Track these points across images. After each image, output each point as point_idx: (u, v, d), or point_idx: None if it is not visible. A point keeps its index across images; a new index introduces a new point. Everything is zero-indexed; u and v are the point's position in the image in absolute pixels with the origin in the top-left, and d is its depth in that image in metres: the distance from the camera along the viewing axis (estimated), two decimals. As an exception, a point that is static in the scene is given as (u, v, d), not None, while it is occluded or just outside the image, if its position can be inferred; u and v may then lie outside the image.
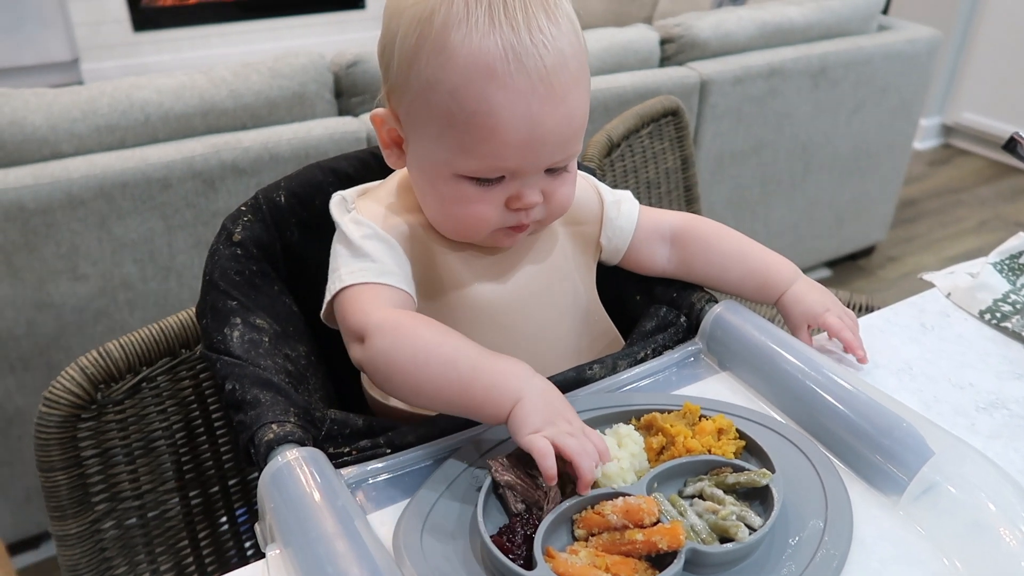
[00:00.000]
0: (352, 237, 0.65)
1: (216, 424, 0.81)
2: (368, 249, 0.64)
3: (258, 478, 0.55)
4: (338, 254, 0.66)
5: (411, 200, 0.68)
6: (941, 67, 3.28)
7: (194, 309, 0.77)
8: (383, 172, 0.75)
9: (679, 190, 1.42)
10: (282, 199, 0.70)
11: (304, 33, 4.21)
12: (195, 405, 0.79)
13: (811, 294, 0.71)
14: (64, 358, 1.51)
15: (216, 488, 0.82)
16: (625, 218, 0.74)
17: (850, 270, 2.58)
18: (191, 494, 0.81)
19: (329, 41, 4.19)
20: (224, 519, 0.83)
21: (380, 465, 0.58)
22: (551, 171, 0.63)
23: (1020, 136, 0.81)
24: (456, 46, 0.56)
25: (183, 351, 0.77)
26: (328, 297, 0.64)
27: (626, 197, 0.76)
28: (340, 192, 0.69)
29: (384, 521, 0.54)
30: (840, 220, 2.47)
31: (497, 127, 0.57)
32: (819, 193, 2.37)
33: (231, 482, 0.83)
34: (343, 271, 0.64)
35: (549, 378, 0.63)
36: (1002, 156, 3.32)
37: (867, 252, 2.65)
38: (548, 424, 0.53)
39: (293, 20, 4.18)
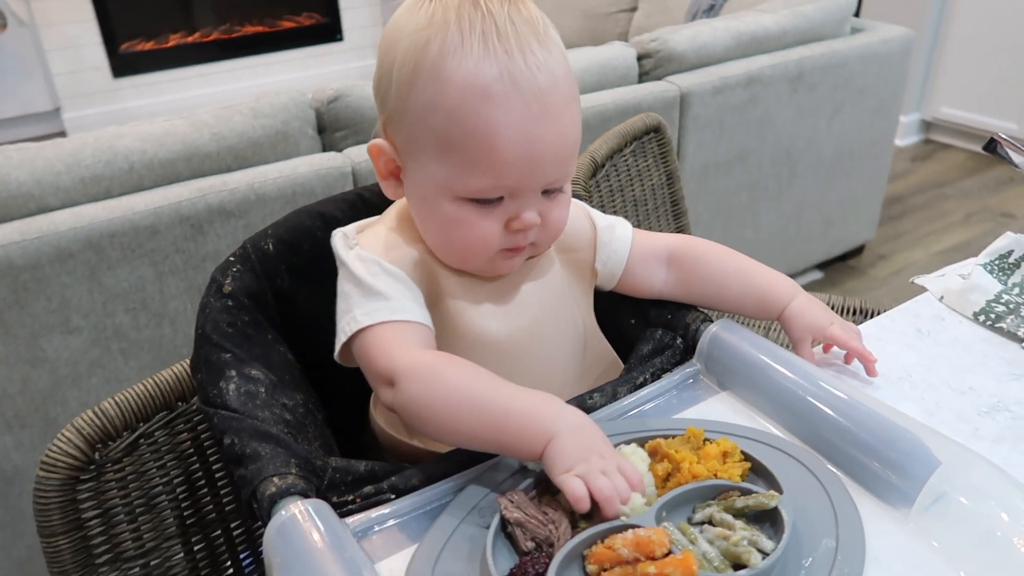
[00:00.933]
0: (361, 276, 0.64)
1: (217, 475, 0.80)
2: (379, 287, 0.64)
3: (262, 531, 0.54)
4: (348, 295, 0.65)
5: (410, 232, 0.68)
6: (917, 64, 3.31)
7: (188, 360, 0.77)
8: (370, 213, 0.75)
9: (666, 206, 1.42)
10: (270, 247, 0.70)
11: (284, 69, 4.23)
12: (194, 458, 0.79)
13: (813, 308, 0.72)
14: (61, 412, 1.50)
15: (221, 540, 0.81)
16: (619, 241, 0.74)
17: (841, 271, 2.59)
18: (196, 548, 0.80)
19: (309, 75, 4.22)
20: (229, 568, 0.82)
21: (386, 511, 0.57)
22: (547, 192, 0.64)
23: (1000, 137, 0.81)
24: (453, 71, 0.58)
25: (179, 404, 0.77)
26: (344, 338, 0.64)
27: (619, 221, 0.76)
28: (340, 229, 0.69)
29: (393, 569, 0.53)
30: (828, 222, 2.48)
31: (495, 145, 0.59)
32: (806, 197, 2.38)
33: (235, 531, 0.82)
34: (357, 312, 0.64)
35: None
36: (983, 148, 3.35)
37: (857, 252, 2.66)
38: (581, 461, 0.53)
39: (272, 56, 4.20)
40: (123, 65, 3.87)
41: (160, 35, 3.98)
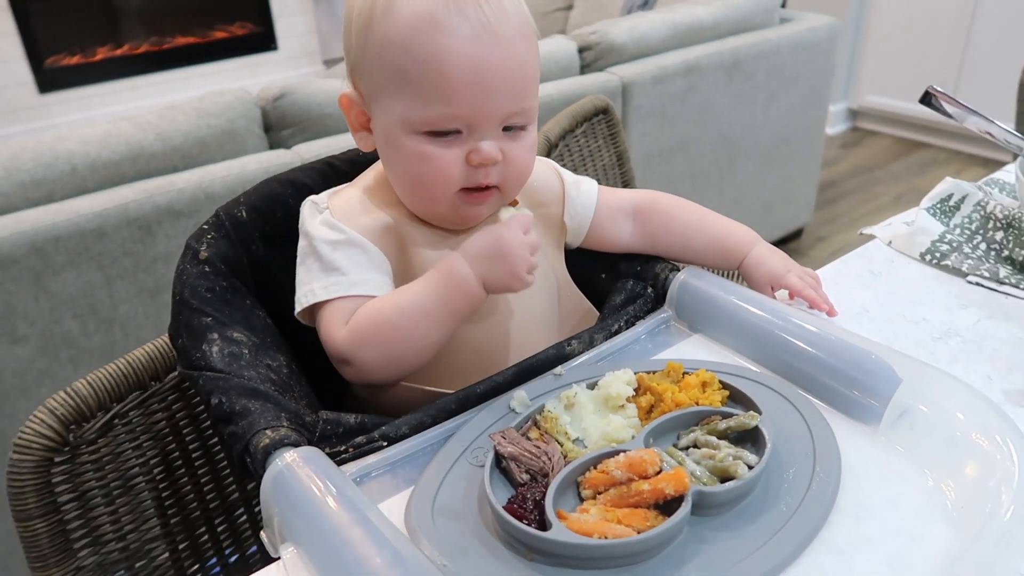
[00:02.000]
0: (321, 250, 0.67)
1: (193, 455, 0.79)
2: (338, 261, 0.66)
3: (256, 486, 0.54)
4: (309, 267, 0.68)
5: (385, 194, 0.70)
6: (842, 55, 3.45)
7: (159, 340, 0.76)
8: (339, 180, 0.76)
9: (618, 185, 1.45)
10: (243, 214, 0.70)
11: (217, 80, 4.16)
12: (170, 437, 0.78)
13: (773, 258, 0.75)
14: (9, 425, 1.45)
15: (201, 520, 0.80)
16: (586, 196, 0.77)
17: (783, 253, 2.67)
18: (175, 529, 0.78)
19: (244, 85, 4.11)
20: (211, 552, 0.81)
21: (378, 459, 0.58)
22: (508, 130, 0.65)
23: (934, 89, 0.86)
24: (402, 5, 0.61)
25: (153, 383, 0.76)
26: (304, 303, 0.66)
27: (585, 179, 0.79)
28: (312, 196, 0.70)
29: (391, 510, 0.54)
30: (768, 207, 2.56)
31: (445, 71, 0.61)
32: (746, 182, 2.46)
33: (213, 509, 0.81)
34: (315, 285, 0.67)
35: (531, 358, 0.65)
36: (909, 133, 3.50)
37: (796, 235, 2.75)
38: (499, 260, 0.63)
39: (205, 67, 4.13)
40: (49, 80, 3.76)
41: (87, 49, 3.87)
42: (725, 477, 0.52)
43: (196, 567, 0.80)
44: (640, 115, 2.11)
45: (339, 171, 0.76)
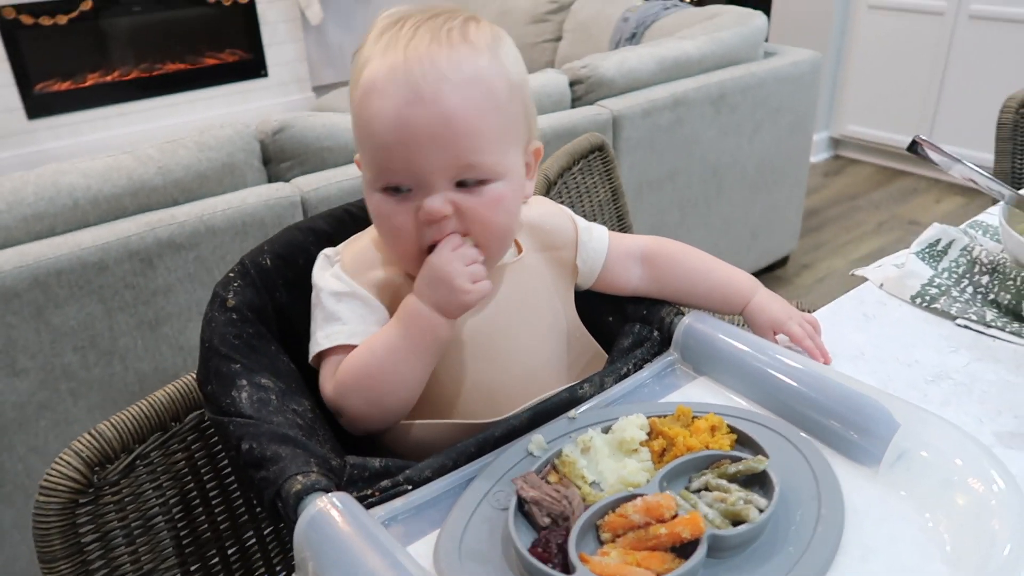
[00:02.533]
0: (326, 301, 0.71)
1: (211, 495, 0.81)
2: (340, 312, 0.71)
3: (287, 532, 0.56)
4: (315, 317, 0.72)
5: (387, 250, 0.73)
6: (823, 85, 3.54)
7: (180, 380, 0.78)
8: (356, 227, 0.79)
9: (613, 220, 1.49)
10: (267, 262, 0.73)
11: (207, 106, 4.18)
12: (189, 478, 0.79)
13: (773, 304, 0.79)
14: (8, 458, 1.46)
15: (216, 559, 0.82)
16: (597, 241, 0.80)
17: (769, 281, 2.72)
18: (192, 568, 0.80)
19: (234, 111, 4.18)
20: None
21: (405, 502, 0.60)
22: (462, 185, 0.67)
23: (920, 138, 0.91)
24: (363, 74, 0.66)
25: (173, 424, 0.78)
26: (312, 352, 0.71)
27: (595, 225, 0.82)
28: (326, 250, 0.74)
29: (419, 552, 0.56)
30: (754, 235, 2.61)
31: (375, 131, 0.65)
32: (732, 211, 2.51)
33: (230, 551, 0.83)
34: (319, 335, 0.71)
35: (544, 400, 0.68)
36: (889, 161, 3.59)
37: (782, 263, 2.81)
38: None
39: (195, 94, 4.14)
40: (38, 106, 3.76)
41: (77, 75, 3.88)
42: (737, 520, 0.55)
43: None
44: (630, 147, 2.15)
45: (356, 218, 0.79)
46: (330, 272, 0.72)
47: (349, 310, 0.70)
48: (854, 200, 3.31)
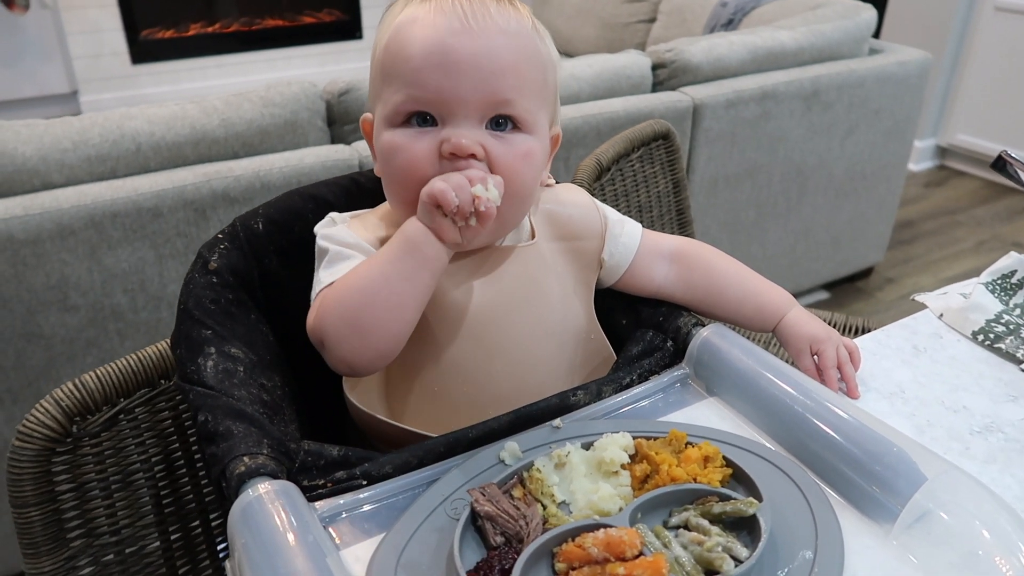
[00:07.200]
0: (335, 247, 0.66)
1: (196, 457, 0.79)
2: (345, 254, 0.66)
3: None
4: (320, 263, 0.67)
5: (400, 220, 0.68)
6: (934, 89, 3.30)
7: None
8: (363, 198, 0.75)
9: (671, 213, 1.41)
10: (260, 226, 0.69)
11: (301, 64, 4.24)
12: (174, 437, 0.78)
13: (811, 322, 0.71)
14: (54, 389, 1.50)
15: (197, 523, 0.80)
16: (629, 236, 0.74)
17: (848, 292, 2.57)
18: (171, 529, 0.79)
19: (326, 71, 4.22)
20: (205, 555, 0.81)
21: (356, 498, 0.56)
22: (492, 127, 0.63)
23: (1008, 155, 0.80)
24: (395, 14, 0.64)
25: (162, 382, 0.76)
26: (316, 290, 0.65)
27: (629, 220, 0.76)
28: (332, 214, 0.70)
29: (359, 556, 0.52)
30: (837, 242, 2.46)
31: (411, 55, 0.62)
32: (815, 215, 2.36)
33: (212, 516, 0.81)
34: (323, 274, 0.66)
35: (531, 405, 0.63)
36: (998, 177, 3.32)
37: (865, 274, 2.64)
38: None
39: (290, 51, 4.21)
40: (142, 52, 3.89)
41: (181, 24, 4.00)
42: (711, 569, 0.49)
43: (186, 561, 0.80)
44: (708, 138, 2.04)
45: (363, 188, 0.75)
46: (337, 227, 0.69)
47: (359, 256, 0.66)
48: (954, 215, 3.08)
